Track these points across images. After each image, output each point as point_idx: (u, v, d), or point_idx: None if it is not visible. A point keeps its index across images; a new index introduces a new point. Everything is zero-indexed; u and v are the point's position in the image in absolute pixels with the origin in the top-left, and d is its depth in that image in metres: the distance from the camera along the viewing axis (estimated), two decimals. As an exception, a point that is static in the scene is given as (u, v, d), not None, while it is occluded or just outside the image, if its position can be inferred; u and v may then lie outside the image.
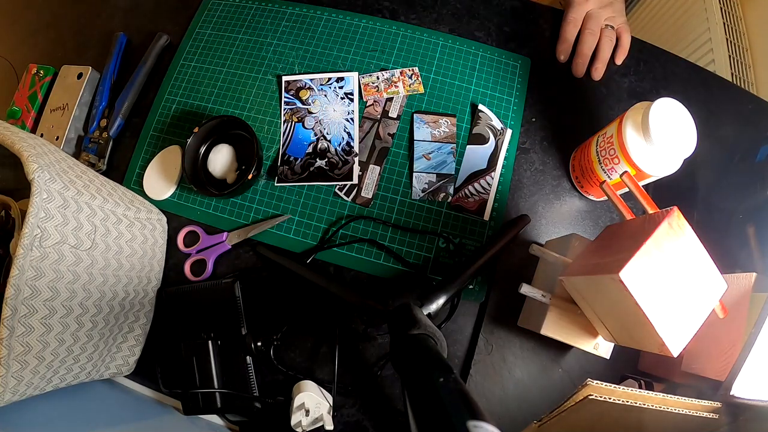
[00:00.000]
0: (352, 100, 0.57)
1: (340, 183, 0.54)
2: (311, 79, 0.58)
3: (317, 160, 0.55)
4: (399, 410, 0.49)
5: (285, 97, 0.58)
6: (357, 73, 0.58)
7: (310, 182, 0.54)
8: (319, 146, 0.55)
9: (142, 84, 0.60)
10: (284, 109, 0.57)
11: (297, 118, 0.57)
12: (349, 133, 0.55)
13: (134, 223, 0.48)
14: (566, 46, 0.58)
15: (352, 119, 0.56)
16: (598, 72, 0.57)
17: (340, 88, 0.57)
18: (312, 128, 0.56)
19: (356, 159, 0.54)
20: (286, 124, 0.57)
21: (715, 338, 0.41)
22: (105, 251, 0.43)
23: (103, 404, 0.49)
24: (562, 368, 0.50)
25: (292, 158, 0.55)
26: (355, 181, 0.53)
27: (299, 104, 0.57)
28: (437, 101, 0.57)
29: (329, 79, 0.58)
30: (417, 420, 0.26)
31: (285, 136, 0.56)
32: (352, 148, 0.55)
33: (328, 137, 0.55)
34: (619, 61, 0.58)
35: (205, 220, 0.55)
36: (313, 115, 0.57)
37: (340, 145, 0.55)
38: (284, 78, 0.59)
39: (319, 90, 0.58)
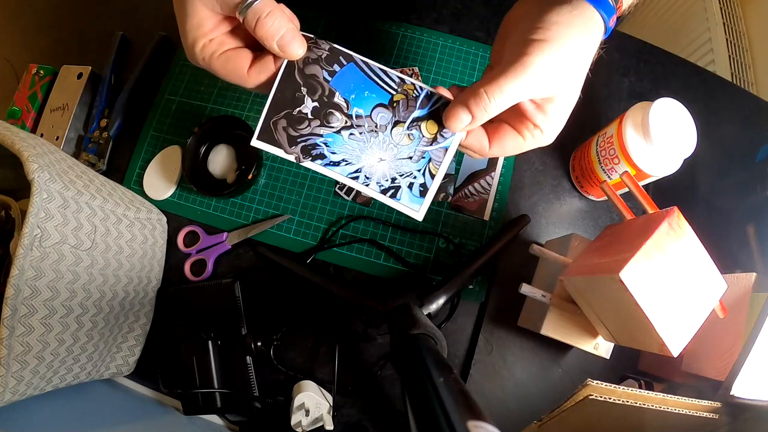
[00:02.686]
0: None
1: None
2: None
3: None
4: (399, 410, 0.49)
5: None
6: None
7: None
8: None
9: (141, 84, 0.60)
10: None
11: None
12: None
13: (134, 223, 0.48)
14: None
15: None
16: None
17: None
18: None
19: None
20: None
21: (715, 338, 0.41)
22: (105, 251, 0.43)
23: (103, 404, 0.49)
24: (562, 368, 0.50)
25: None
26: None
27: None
28: (437, 101, 0.57)
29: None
30: (417, 420, 0.26)
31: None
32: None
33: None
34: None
35: (205, 220, 0.55)
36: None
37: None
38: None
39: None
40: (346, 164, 0.35)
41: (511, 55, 0.31)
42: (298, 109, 0.35)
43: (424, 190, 0.35)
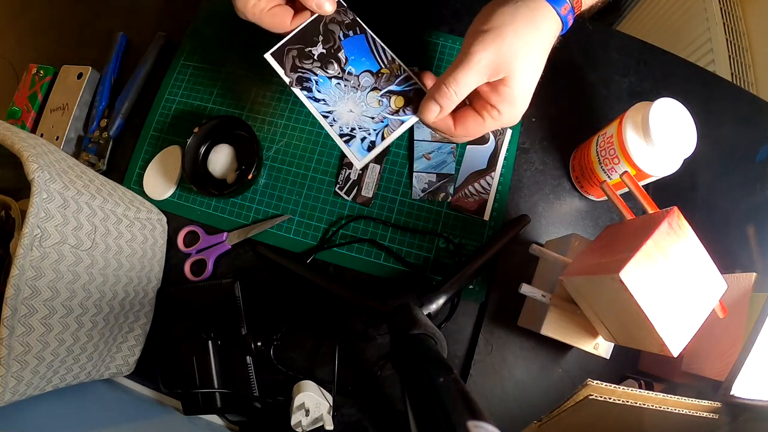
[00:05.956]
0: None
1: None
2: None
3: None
4: (399, 410, 0.49)
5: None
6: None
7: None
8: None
9: (142, 84, 0.60)
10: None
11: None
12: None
13: (134, 223, 0.48)
14: None
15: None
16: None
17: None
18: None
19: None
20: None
21: (715, 338, 0.41)
22: (105, 251, 0.43)
23: (103, 404, 0.49)
24: (562, 368, 0.50)
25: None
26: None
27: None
28: (437, 101, 0.57)
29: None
30: (417, 420, 0.26)
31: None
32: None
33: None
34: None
35: (205, 220, 0.55)
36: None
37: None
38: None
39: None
40: (324, 104, 0.44)
41: (464, 48, 0.37)
42: (309, 48, 0.44)
43: (371, 147, 0.43)
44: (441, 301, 0.45)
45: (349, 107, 0.44)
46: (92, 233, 0.41)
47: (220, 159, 0.54)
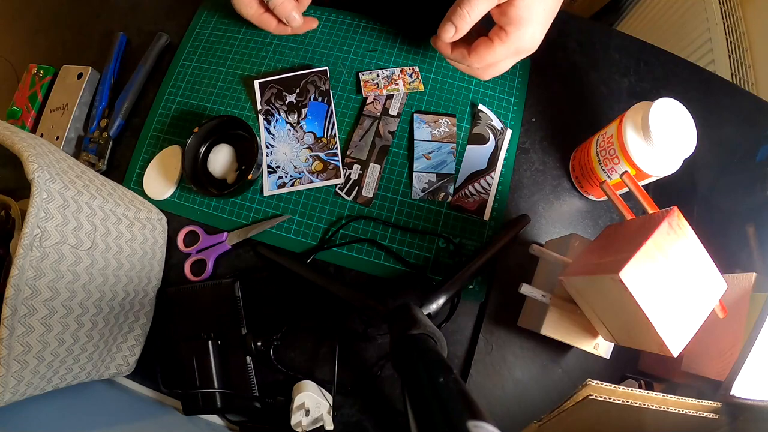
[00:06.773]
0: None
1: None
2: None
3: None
4: (399, 410, 0.49)
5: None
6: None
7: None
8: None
9: (142, 84, 0.60)
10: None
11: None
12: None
13: (134, 223, 0.48)
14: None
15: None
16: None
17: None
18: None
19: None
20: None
21: (715, 338, 0.41)
22: (105, 251, 0.43)
23: (103, 404, 0.49)
24: (562, 368, 0.50)
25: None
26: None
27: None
28: (437, 101, 0.57)
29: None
30: (417, 420, 0.26)
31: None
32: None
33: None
34: None
35: (205, 220, 0.55)
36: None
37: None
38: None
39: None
40: (272, 138, 0.56)
41: None
42: (285, 94, 0.57)
43: (281, 186, 0.54)
44: (441, 301, 0.45)
45: (285, 150, 0.55)
46: (92, 233, 0.41)
47: (220, 159, 0.54)
